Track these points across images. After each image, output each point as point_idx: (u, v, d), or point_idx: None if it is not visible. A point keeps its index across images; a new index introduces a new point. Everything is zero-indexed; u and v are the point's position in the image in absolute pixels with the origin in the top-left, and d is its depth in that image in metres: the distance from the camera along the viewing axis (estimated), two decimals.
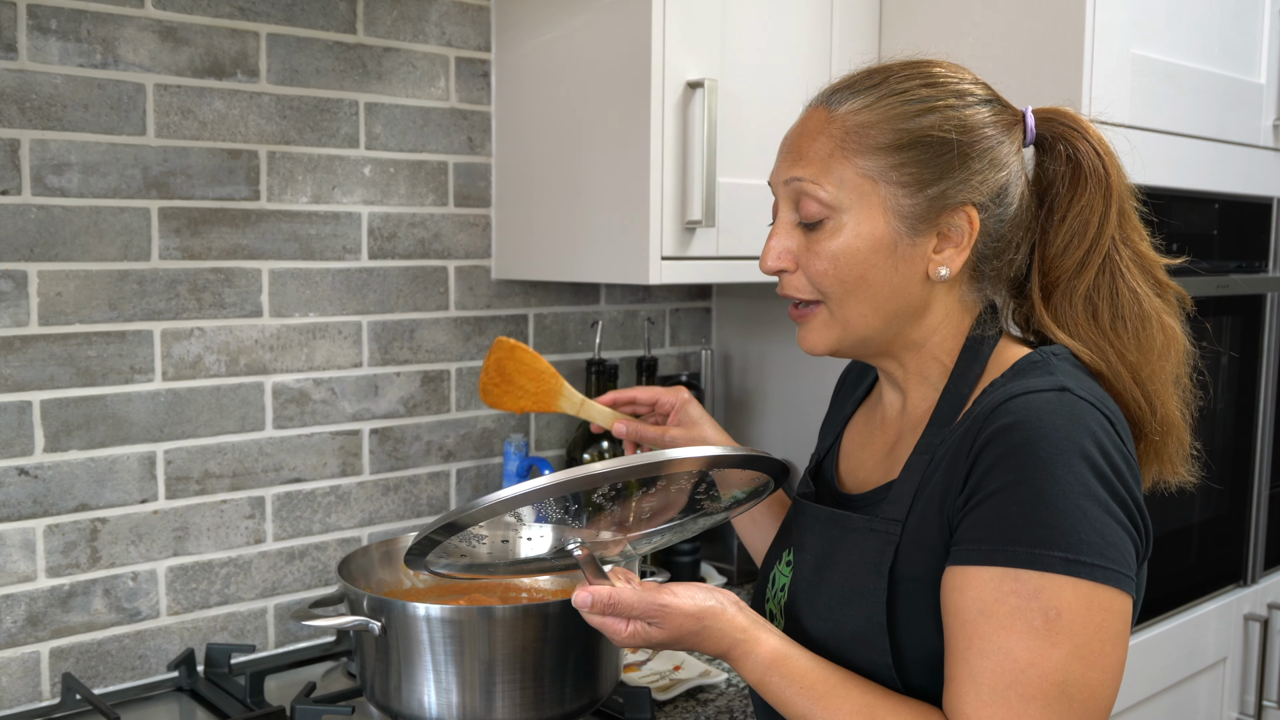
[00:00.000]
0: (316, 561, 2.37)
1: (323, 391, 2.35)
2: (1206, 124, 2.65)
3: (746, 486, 1.59)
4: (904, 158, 1.40)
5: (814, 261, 1.43)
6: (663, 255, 2.20)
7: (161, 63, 2.10)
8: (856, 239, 1.41)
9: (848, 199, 1.41)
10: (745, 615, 1.41)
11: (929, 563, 1.35)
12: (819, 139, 1.44)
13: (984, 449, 1.30)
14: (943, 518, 1.35)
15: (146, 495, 2.14)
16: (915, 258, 1.42)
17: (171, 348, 2.15)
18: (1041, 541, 1.24)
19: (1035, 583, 1.24)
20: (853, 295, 1.43)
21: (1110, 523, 1.26)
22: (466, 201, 2.52)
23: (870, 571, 1.40)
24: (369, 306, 2.40)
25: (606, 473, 1.38)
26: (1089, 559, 1.24)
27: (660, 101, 2.18)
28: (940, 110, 1.42)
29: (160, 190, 2.11)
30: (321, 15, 2.28)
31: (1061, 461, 1.26)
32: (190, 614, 2.21)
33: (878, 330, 1.46)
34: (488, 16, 2.52)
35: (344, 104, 2.32)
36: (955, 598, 1.30)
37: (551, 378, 1.83)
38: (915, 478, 1.42)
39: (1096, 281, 1.44)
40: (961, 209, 1.41)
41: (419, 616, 1.64)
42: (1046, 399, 1.30)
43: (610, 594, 1.39)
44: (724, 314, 3.10)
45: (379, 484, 2.45)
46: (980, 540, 1.28)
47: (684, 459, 1.41)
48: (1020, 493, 1.26)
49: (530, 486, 1.36)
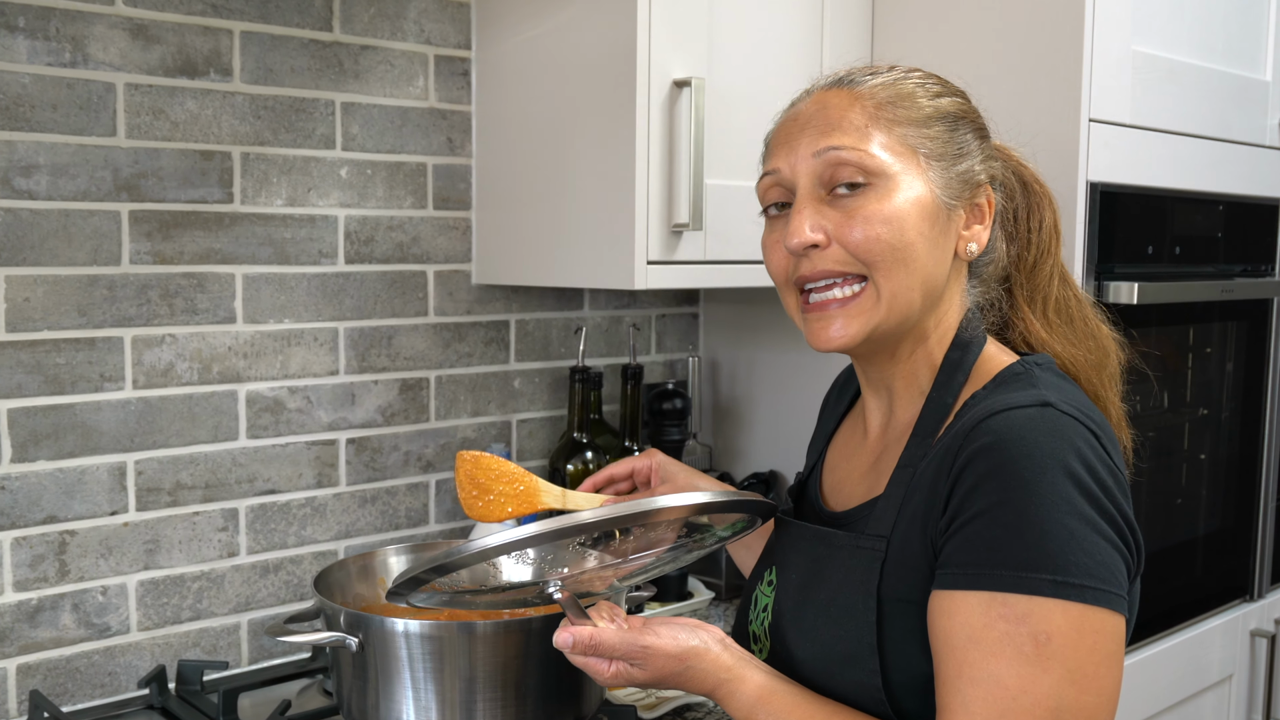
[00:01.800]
0: (292, 575, 2.40)
1: (298, 400, 2.38)
2: (1210, 123, 2.68)
3: (733, 525, 1.60)
4: (935, 131, 1.47)
5: (860, 227, 1.42)
6: (648, 259, 2.23)
7: (132, 61, 2.13)
8: (908, 203, 1.43)
9: (896, 163, 1.43)
10: (730, 653, 1.43)
11: (913, 582, 1.37)
12: (850, 111, 1.46)
13: (965, 469, 1.32)
14: (925, 539, 1.37)
15: (116, 507, 2.17)
16: (951, 231, 1.48)
17: (142, 355, 2.18)
18: (1028, 564, 1.25)
19: (1023, 607, 1.25)
20: (902, 264, 1.43)
21: (1099, 541, 1.27)
22: (446, 204, 2.56)
23: (857, 590, 1.42)
24: (345, 312, 2.43)
25: (595, 522, 1.39)
26: (1077, 580, 1.25)
27: (646, 100, 2.21)
28: (952, 95, 1.53)
29: (131, 193, 2.14)
30: (296, 12, 2.31)
31: (1045, 480, 1.27)
32: (161, 629, 2.24)
33: (915, 309, 1.46)
34: (468, 13, 2.55)
35: (320, 104, 2.36)
36: (943, 623, 1.31)
37: (524, 477, 1.85)
38: (899, 493, 1.44)
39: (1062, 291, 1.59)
40: (983, 186, 1.50)
41: (397, 632, 1.66)
42: (1028, 415, 1.32)
43: (592, 635, 1.41)
44: (711, 320, 3.12)
45: (356, 495, 2.48)
46: (965, 564, 1.30)
47: (672, 506, 1.42)
48: (1004, 514, 1.27)
49: (518, 535, 1.38)
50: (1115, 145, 2.39)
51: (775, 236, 1.51)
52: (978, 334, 1.52)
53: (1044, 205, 1.61)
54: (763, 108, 2.32)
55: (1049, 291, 1.58)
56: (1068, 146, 2.33)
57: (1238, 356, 2.96)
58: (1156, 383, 2.63)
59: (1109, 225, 2.40)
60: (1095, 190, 2.35)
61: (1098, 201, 2.36)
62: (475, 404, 2.65)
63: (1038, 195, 1.61)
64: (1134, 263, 2.50)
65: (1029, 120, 2.32)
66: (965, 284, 1.53)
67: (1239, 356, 2.96)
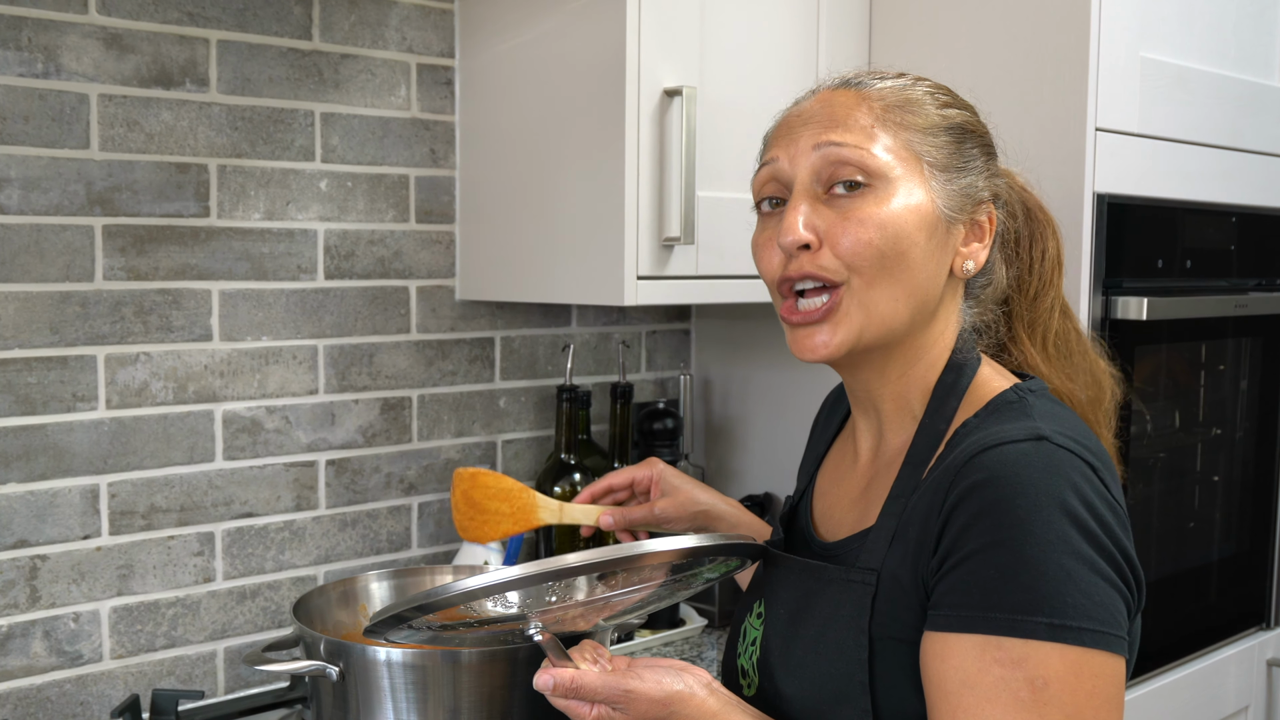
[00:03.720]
0: (270, 602, 2.42)
1: (276, 420, 2.40)
2: (1222, 131, 2.70)
3: (720, 566, 1.61)
4: (942, 141, 1.48)
5: (852, 230, 1.42)
6: (638, 274, 2.25)
7: (106, 72, 2.16)
8: (905, 210, 1.43)
9: (898, 167, 1.45)
10: (716, 698, 1.43)
11: (905, 620, 1.38)
12: (856, 110, 1.47)
13: (957, 507, 1.32)
14: (916, 577, 1.37)
15: (89, 531, 2.20)
16: (948, 247, 1.48)
17: (116, 374, 2.21)
18: (1023, 607, 1.26)
19: (1019, 651, 1.26)
20: (890, 274, 1.43)
21: (1097, 581, 1.27)
22: (429, 217, 2.59)
23: (849, 626, 1.43)
24: (325, 329, 2.45)
25: (580, 566, 1.41)
26: (1075, 623, 1.25)
27: (635, 110, 2.23)
28: (961, 107, 1.54)
29: (104, 207, 2.17)
30: (275, 20, 2.35)
31: (1040, 518, 1.27)
32: (135, 657, 2.26)
33: (902, 324, 1.47)
34: (451, 21, 2.59)
35: (299, 114, 2.39)
36: (936, 666, 1.31)
37: (522, 493, 1.88)
38: (891, 524, 1.44)
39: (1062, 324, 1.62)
40: (985, 204, 1.51)
41: (379, 661, 1.67)
42: (1022, 450, 1.32)
43: (573, 678, 1.41)
44: (704, 337, 3.12)
45: (336, 519, 2.50)
46: (958, 606, 1.30)
47: (660, 551, 1.44)
48: (998, 554, 1.28)
49: (501, 578, 1.40)
50: (1123, 155, 2.42)
51: (768, 235, 1.52)
52: (972, 356, 1.52)
53: (1047, 234, 1.62)
54: (756, 117, 2.31)
55: (1049, 324, 1.61)
56: (1073, 157, 2.35)
57: (1252, 374, 2.96)
58: (1165, 401, 2.65)
59: (1117, 238, 2.42)
60: (1102, 202, 2.37)
61: (1105, 213, 2.38)
62: (459, 424, 2.68)
63: (1040, 224, 1.63)
64: (1143, 277, 2.52)
65: (1033, 130, 2.35)
66: (961, 304, 1.54)
67: (1253, 374, 2.96)
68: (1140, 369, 2.55)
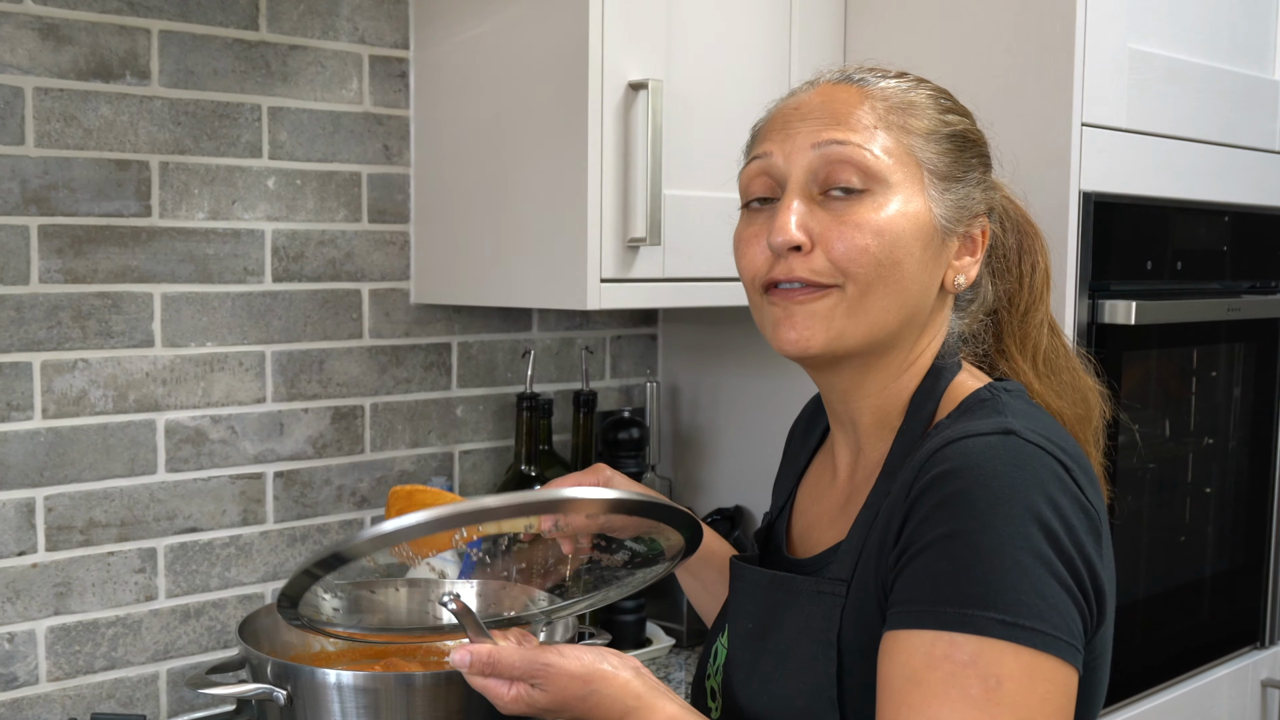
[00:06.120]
0: (214, 621, 2.43)
1: (221, 430, 2.42)
2: (1214, 126, 2.73)
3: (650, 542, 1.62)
4: (943, 148, 1.50)
5: (849, 235, 1.43)
6: (602, 277, 2.27)
7: (41, 64, 2.17)
8: (903, 217, 1.45)
9: (898, 172, 1.46)
10: (641, 681, 1.42)
11: (873, 630, 1.37)
12: (859, 109, 1.48)
13: (917, 500, 1.33)
14: (878, 580, 1.39)
15: (24, 547, 2.21)
16: (943, 258, 1.50)
17: (53, 381, 2.22)
18: (975, 601, 1.26)
19: (971, 647, 1.25)
20: (884, 281, 1.44)
21: (1053, 584, 1.27)
22: (382, 217, 2.60)
23: (817, 639, 1.44)
24: (273, 335, 2.47)
25: (500, 507, 1.41)
26: (1027, 622, 1.25)
27: (599, 104, 2.25)
28: (962, 114, 1.56)
29: (40, 206, 2.19)
30: (219, 10, 2.36)
31: (1002, 512, 1.28)
32: (73, 680, 2.27)
33: (890, 333, 1.48)
34: (405, 10, 2.60)
35: (245, 109, 2.40)
36: (884, 665, 1.32)
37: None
38: (862, 533, 1.45)
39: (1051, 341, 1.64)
40: (979, 216, 1.53)
41: (329, 684, 1.66)
42: (988, 443, 1.33)
43: (490, 652, 1.41)
44: (671, 342, 3.14)
45: (285, 534, 2.51)
46: (910, 601, 1.31)
47: (582, 500, 1.45)
48: (953, 546, 1.28)
49: (415, 520, 1.37)
50: (1110, 151, 2.44)
51: (754, 230, 1.51)
52: (952, 362, 1.54)
53: (1037, 249, 1.64)
54: (726, 112, 2.39)
55: (1039, 340, 1.62)
56: (1058, 153, 2.37)
57: (1245, 381, 2.98)
58: (1154, 410, 2.68)
59: (1104, 238, 2.44)
60: (1088, 200, 2.39)
61: (1091, 212, 2.40)
62: (414, 434, 2.70)
63: (1030, 237, 1.64)
64: (1131, 279, 2.54)
65: (1015, 126, 2.36)
66: (947, 314, 1.57)
67: (1247, 381, 2.98)
68: (1129, 376, 2.58)
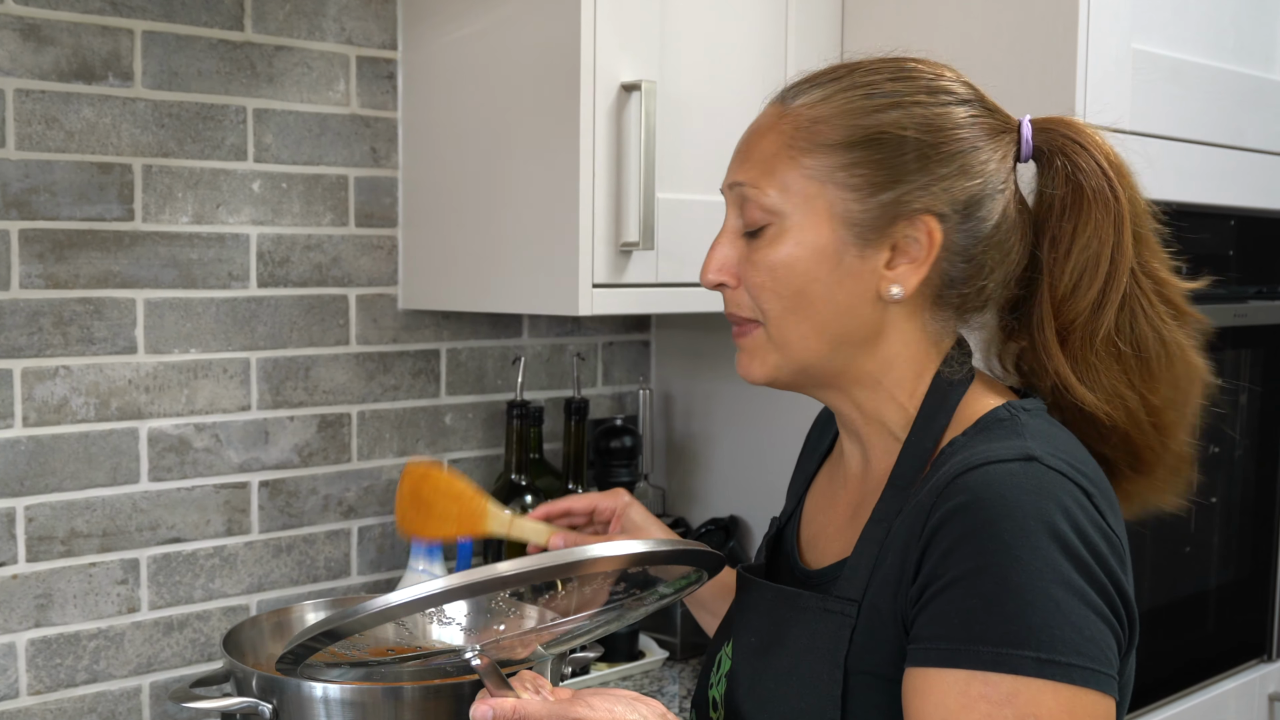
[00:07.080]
0: (198, 633, 2.43)
1: (205, 439, 2.42)
2: (1220, 128, 2.73)
3: (677, 581, 1.62)
4: (855, 157, 1.46)
5: (752, 275, 1.49)
6: (594, 282, 2.27)
7: (22, 65, 2.18)
8: (797, 248, 1.47)
9: (790, 204, 1.47)
10: None
11: (883, 654, 1.38)
12: (767, 137, 1.50)
13: (937, 532, 1.33)
14: (895, 608, 1.38)
15: (4, 558, 2.21)
16: (864, 273, 1.47)
17: (33, 389, 2.22)
18: (1010, 639, 1.26)
19: (1007, 687, 1.25)
20: (793, 313, 1.48)
21: (1088, 614, 1.28)
22: (370, 221, 2.61)
23: (823, 659, 1.44)
24: (258, 341, 2.47)
25: (513, 575, 1.36)
26: (1065, 658, 1.25)
27: (591, 106, 2.25)
28: (905, 106, 1.49)
29: (21, 210, 2.19)
30: (204, 10, 2.36)
31: (1028, 544, 1.27)
32: (54, 694, 2.27)
33: (822, 357, 1.50)
34: (393, 10, 2.61)
35: (230, 110, 2.41)
36: (916, 704, 1.31)
37: (474, 498, 1.89)
38: (872, 550, 1.45)
39: (1118, 321, 1.49)
40: (919, 218, 1.46)
41: (315, 698, 1.69)
42: (1009, 470, 1.33)
43: (515, 707, 1.37)
44: (664, 348, 3.15)
45: (270, 544, 2.51)
46: (939, 638, 1.30)
47: (604, 557, 1.41)
48: (982, 582, 1.28)
49: (426, 591, 1.34)
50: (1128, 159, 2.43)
51: None
52: (963, 372, 1.52)
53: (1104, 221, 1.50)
54: (721, 114, 2.39)
55: (1094, 326, 1.49)
56: None
57: (1252, 388, 2.98)
58: None
59: None
60: None
61: None
62: (402, 442, 2.70)
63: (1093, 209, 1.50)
64: None
65: None
66: (922, 320, 1.51)
67: (1253, 388, 2.98)
68: None
